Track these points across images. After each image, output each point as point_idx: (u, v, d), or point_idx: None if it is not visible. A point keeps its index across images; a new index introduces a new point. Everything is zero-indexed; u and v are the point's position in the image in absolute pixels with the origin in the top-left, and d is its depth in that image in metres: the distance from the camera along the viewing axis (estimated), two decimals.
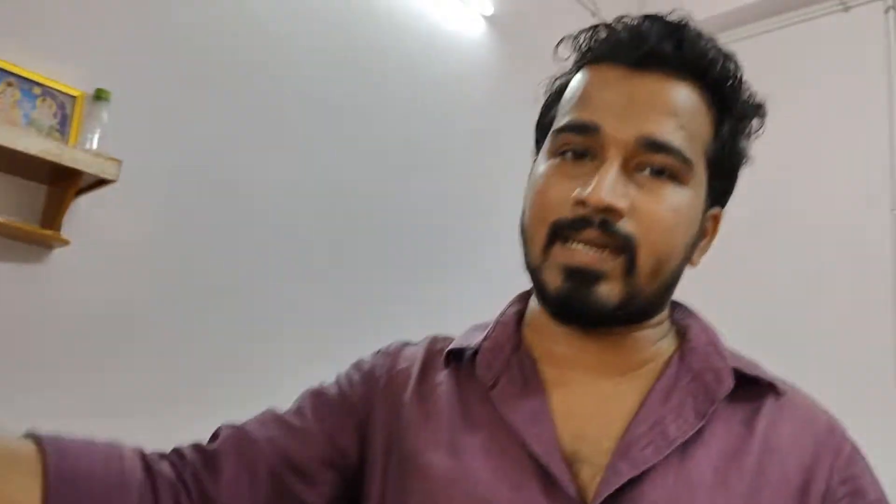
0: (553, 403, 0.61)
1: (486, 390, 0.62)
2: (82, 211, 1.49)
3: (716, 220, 0.67)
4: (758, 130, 0.67)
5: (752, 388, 0.62)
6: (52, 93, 1.48)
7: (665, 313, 0.66)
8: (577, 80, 0.64)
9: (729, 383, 0.60)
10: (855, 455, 0.61)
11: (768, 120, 0.66)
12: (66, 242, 1.44)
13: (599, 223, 0.57)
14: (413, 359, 0.70)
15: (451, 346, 0.67)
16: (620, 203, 0.57)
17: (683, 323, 0.67)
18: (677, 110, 0.60)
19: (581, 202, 0.57)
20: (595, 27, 0.65)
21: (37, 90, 1.46)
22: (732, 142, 0.64)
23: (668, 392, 0.60)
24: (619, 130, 0.58)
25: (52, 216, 1.43)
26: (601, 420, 0.60)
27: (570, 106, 0.63)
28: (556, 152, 0.62)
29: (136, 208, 1.57)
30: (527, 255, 0.63)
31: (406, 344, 0.73)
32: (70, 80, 1.50)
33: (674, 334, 0.67)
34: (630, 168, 0.59)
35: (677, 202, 0.59)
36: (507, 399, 0.61)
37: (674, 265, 0.61)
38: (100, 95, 1.52)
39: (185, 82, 1.68)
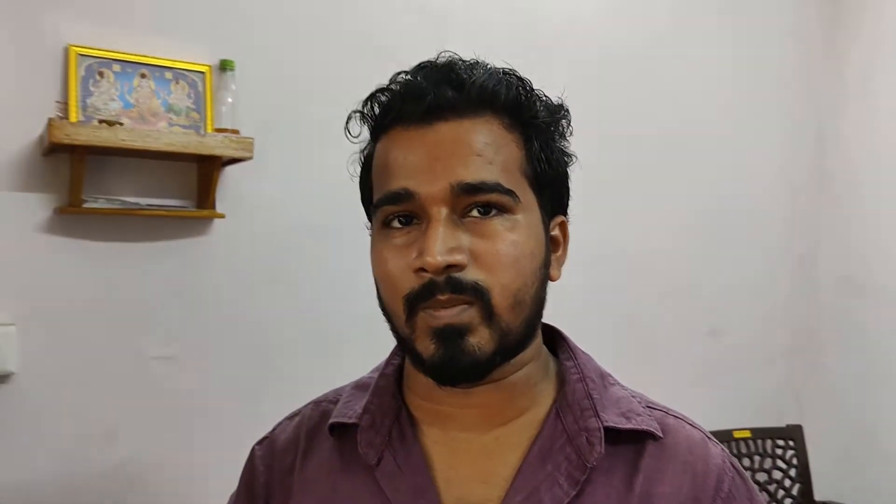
0: (436, 470, 0.63)
1: (371, 469, 0.64)
2: (231, 181, 1.60)
3: (563, 227, 0.68)
4: (567, 128, 0.66)
5: (632, 434, 0.64)
6: (183, 74, 1.54)
7: (538, 345, 0.66)
8: (378, 150, 0.64)
9: (599, 449, 0.61)
10: (735, 489, 0.63)
11: None
12: (221, 216, 1.57)
13: (445, 282, 0.57)
14: (296, 441, 0.72)
15: (332, 420, 0.69)
16: (456, 258, 0.57)
17: (564, 364, 0.68)
18: (480, 149, 0.59)
19: (421, 269, 0.58)
20: (374, 94, 0.64)
21: (168, 75, 1.52)
22: (547, 153, 0.64)
23: (544, 456, 0.62)
24: (432, 188, 0.58)
25: (205, 195, 1.55)
26: (483, 483, 0.62)
27: (380, 178, 0.63)
28: (384, 224, 0.62)
29: (274, 174, 1.65)
30: (394, 329, 0.63)
31: (287, 421, 0.75)
32: (195, 57, 1.55)
33: (554, 376, 0.68)
34: (458, 215, 0.59)
35: (513, 235, 0.59)
36: (391, 477, 0.64)
37: (532, 293, 0.61)
38: (225, 66, 1.56)
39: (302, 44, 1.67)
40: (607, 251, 2.12)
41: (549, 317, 0.68)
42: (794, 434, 2.29)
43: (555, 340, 0.71)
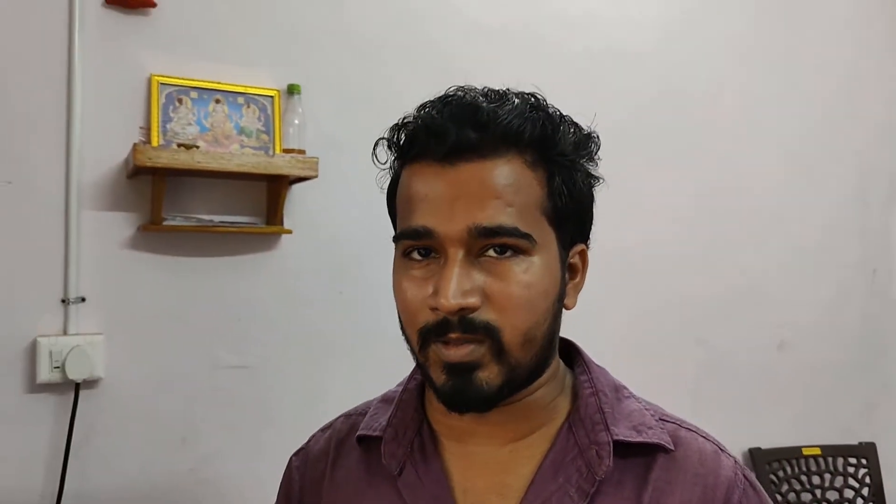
0: (454, 482, 0.67)
1: (394, 479, 0.69)
2: (298, 199, 1.69)
3: (583, 255, 0.68)
4: (595, 154, 0.66)
5: (643, 447, 0.65)
6: (253, 98, 1.63)
7: (555, 365, 0.68)
8: (403, 179, 0.66)
9: (608, 462, 0.63)
10: (746, 500, 0.64)
11: None
12: (289, 232, 1.66)
13: (458, 322, 0.60)
14: (326, 452, 0.77)
15: (359, 432, 0.74)
16: (469, 301, 0.59)
17: (579, 378, 0.70)
18: (500, 191, 0.60)
19: (435, 308, 0.60)
20: (401, 125, 0.66)
21: (241, 100, 1.62)
22: (569, 186, 0.64)
23: (556, 468, 0.64)
24: (451, 228, 0.60)
25: (274, 212, 1.64)
26: (498, 495, 0.65)
27: (403, 210, 0.65)
28: (404, 254, 0.64)
29: (338, 192, 1.73)
30: (412, 352, 0.66)
31: (320, 433, 0.81)
32: (264, 83, 1.65)
33: (569, 390, 0.70)
34: (474, 255, 0.60)
35: (528, 276, 0.60)
36: (412, 487, 0.68)
37: (544, 329, 0.63)
38: (292, 90, 1.65)
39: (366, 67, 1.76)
40: (675, 265, 2.11)
41: (618, 333, 0.70)
42: (867, 452, 2.21)
43: (571, 354, 0.73)
